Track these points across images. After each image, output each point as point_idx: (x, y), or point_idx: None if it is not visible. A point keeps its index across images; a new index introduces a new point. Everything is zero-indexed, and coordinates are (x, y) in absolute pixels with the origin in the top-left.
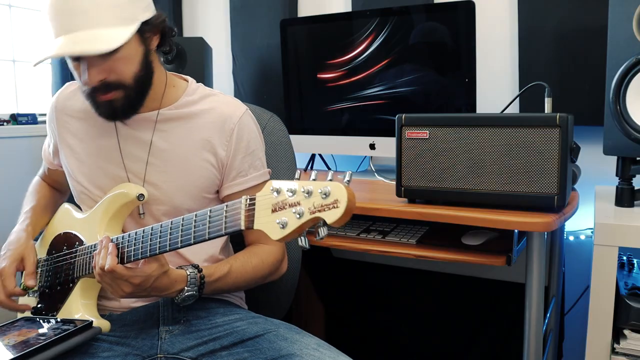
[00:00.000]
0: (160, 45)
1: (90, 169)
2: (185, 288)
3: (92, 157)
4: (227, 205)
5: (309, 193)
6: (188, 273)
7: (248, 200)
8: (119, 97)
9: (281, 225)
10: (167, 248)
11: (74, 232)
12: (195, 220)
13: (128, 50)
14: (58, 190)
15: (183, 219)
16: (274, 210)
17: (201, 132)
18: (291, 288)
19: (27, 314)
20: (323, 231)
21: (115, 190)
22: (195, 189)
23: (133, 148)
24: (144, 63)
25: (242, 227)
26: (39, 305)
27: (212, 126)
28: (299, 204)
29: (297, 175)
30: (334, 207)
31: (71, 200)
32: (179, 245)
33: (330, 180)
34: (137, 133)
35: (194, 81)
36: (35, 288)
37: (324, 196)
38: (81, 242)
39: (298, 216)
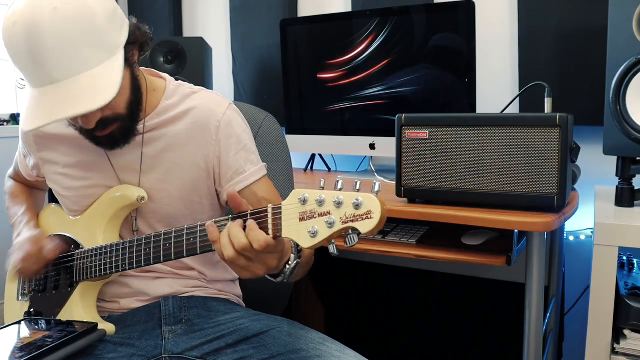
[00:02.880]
0: (140, 51)
1: (79, 183)
2: (292, 256)
3: (80, 171)
4: (250, 213)
5: (340, 203)
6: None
7: (273, 208)
8: (116, 128)
9: (312, 234)
10: (184, 254)
11: (67, 234)
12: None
13: None
14: (37, 188)
15: (200, 225)
16: (301, 219)
17: (185, 134)
18: (288, 287)
19: (20, 315)
20: (354, 239)
21: (112, 192)
22: (187, 194)
23: (123, 161)
24: (133, 85)
25: (270, 235)
26: (31, 310)
27: (196, 127)
28: (330, 214)
29: (322, 184)
30: (368, 218)
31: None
32: (198, 251)
33: (359, 190)
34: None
35: (172, 80)
36: (57, 256)
37: (357, 207)
38: (77, 246)
39: (329, 225)
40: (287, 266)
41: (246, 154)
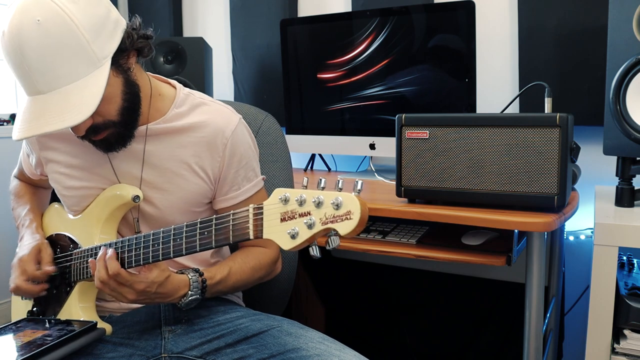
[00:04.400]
0: (139, 55)
1: (80, 183)
2: (189, 292)
3: (81, 172)
4: (233, 214)
5: (320, 203)
6: (190, 277)
7: (255, 208)
8: (111, 133)
9: (292, 235)
10: (171, 255)
11: (67, 234)
12: (199, 228)
13: (106, 90)
14: (41, 187)
15: (186, 225)
16: (283, 220)
17: (192, 147)
18: (288, 286)
19: (25, 314)
20: (335, 241)
21: (108, 192)
22: (187, 205)
23: (125, 165)
24: (127, 91)
25: (251, 237)
26: (34, 309)
27: (204, 141)
28: (310, 214)
29: (304, 183)
30: (347, 219)
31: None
32: (183, 252)
33: (341, 189)
34: (128, 149)
35: (182, 87)
36: (56, 272)
37: (336, 207)
38: (76, 245)
39: (309, 227)
40: (183, 299)
41: (245, 171)
